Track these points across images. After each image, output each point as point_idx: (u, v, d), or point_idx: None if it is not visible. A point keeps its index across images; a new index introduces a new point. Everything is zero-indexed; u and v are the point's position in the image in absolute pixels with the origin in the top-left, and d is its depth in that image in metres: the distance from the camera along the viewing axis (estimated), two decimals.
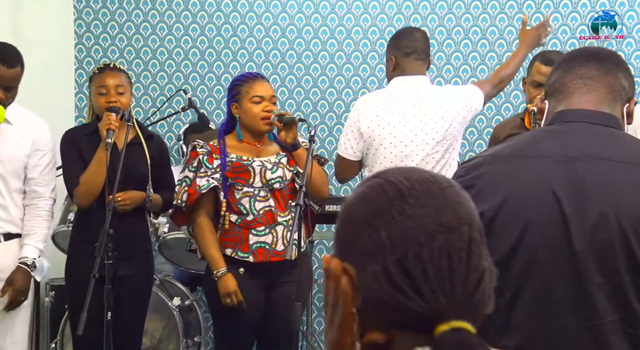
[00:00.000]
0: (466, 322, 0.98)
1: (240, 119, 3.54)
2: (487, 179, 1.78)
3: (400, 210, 1.02)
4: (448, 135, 3.54)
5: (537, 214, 1.72)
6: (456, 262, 1.00)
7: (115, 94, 3.58)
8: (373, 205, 1.05)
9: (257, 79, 3.56)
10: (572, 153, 1.75)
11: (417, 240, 1.01)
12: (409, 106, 3.56)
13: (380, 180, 1.07)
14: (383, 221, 1.03)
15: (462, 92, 3.74)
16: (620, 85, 1.85)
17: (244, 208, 3.45)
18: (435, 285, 0.99)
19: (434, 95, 3.62)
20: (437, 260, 1.00)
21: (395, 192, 1.04)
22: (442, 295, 0.99)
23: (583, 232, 1.68)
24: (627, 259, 1.67)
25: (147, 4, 5.45)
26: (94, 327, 3.31)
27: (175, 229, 4.43)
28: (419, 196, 1.03)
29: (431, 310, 0.98)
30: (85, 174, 3.55)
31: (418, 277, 0.99)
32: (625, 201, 1.69)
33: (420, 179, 1.05)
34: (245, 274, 3.45)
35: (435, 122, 3.53)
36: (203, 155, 3.48)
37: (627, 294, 1.67)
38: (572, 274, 1.69)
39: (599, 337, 1.69)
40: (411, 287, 0.99)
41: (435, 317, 0.98)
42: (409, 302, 0.99)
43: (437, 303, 0.99)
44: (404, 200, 1.03)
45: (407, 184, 1.04)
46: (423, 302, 0.99)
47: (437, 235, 1.01)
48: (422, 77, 3.65)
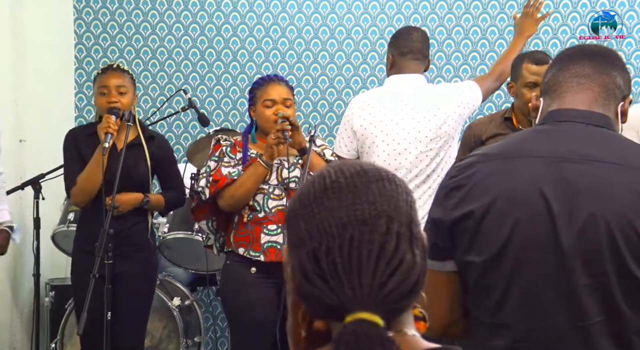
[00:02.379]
0: (374, 314, 0.98)
1: (257, 122, 3.56)
2: (477, 178, 1.78)
3: (319, 203, 1.05)
4: (442, 133, 3.53)
5: (526, 213, 1.71)
6: (366, 254, 1.01)
7: (116, 94, 3.60)
8: (300, 198, 1.08)
9: (272, 81, 3.55)
10: (562, 153, 1.75)
11: (330, 232, 1.03)
12: (402, 104, 3.56)
13: (317, 174, 1.10)
14: (304, 214, 1.06)
15: (457, 89, 3.72)
16: (614, 84, 1.84)
17: (257, 204, 3.46)
18: (343, 277, 1.00)
19: (427, 94, 3.62)
20: (347, 252, 1.01)
21: (321, 186, 1.07)
22: (349, 287, 1.00)
23: (571, 233, 1.67)
24: (614, 261, 1.66)
25: (147, 4, 5.45)
26: (97, 326, 3.33)
27: (175, 229, 4.43)
28: (339, 189, 1.06)
29: (338, 302, 1.00)
30: (82, 174, 3.59)
31: (327, 269, 1.01)
32: (614, 203, 1.67)
33: (349, 172, 1.07)
34: (257, 272, 3.46)
35: (428, 120, 3.52)
36: (226, 146, 3.51)
37: (614, 295, 1.66)
38: (559, 274, 1.68)
39: (588, 338, 1.69)
40: (321, 278, 1.01)
41: (343, 309, 0.99)
42: (319, 293, 1.01)
43: (343, 294, 1.00)
44: (325, 193, 1.06)
45: (334, 177, 1.07)
46: (331, 293, 1.00)
47: (349, 227, 1.03)
48: (417, 76, 3.64)
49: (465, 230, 1.75)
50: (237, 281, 3.48)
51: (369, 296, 0.99)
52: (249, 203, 3.46)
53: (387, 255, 1.02)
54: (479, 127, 3.81)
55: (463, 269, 1.78)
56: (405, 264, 1.03)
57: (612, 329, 1.68)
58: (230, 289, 3.52)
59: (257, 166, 3.42)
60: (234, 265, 3.51)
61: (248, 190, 3.42)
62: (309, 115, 5.26)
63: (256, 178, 3.42)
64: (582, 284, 1.67)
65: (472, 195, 1.76)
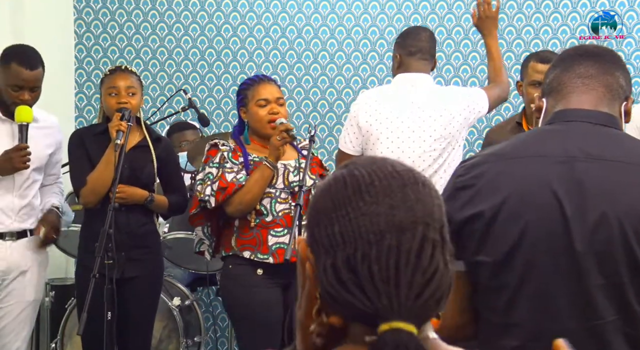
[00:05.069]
0: (409, 323, 0.98)
1: (249, 123, 3.53)
2: (487, 178, 1.78)
3: (355, 207, 1.03)
4: (447, 134, 3.53)
5: (537, 213, 1.71)
6: (403, 263, 1.00)
7: (126, 95, 3.61)
8: (332, 198, 1.05)
9: (263, 81, 3.54)
10: (572, 153, 1.75)
11: (367, 238, 1.01)
12: (408, 103, 3.57)
13: (345, 172, 1.07)
14: (338, 216, 1.03)
15: (465, 93, 3.75)
16: (618, 84, 1.85)
17: (264, 208, 3.44)
18: (380, 285, 0.99)
19: (434, 94, 3.62)
20: (384, 260, 1.00)
21: (355, 187, 1.04)
22: (386, 295, 0.99)
23: (584, 233, 1.68)
24: (627, 260, 1.66)
25: (147, 4, 5.45)
26: (100, 326, 3.34)
27: (175, 229, 4.43)
28: (376, 193, 1.03)
29: (374, 310, 0.99)
30: (94, 173, 3.59)
31: (363, 276, 1.00)
32: (626, 201, 1.68)
33: (383, 174, 1.05)
34: (264, 274, 3.44)
35: (433, 120, 3.53)
36: (227, 151, 3.46)
37: (627, 294, 1.67)
38: (572, 274, 1.68)
39: (600, 338, 1.69)
40: (356, 285, 1.00)
41: (378, 317, 0.99)
42: (353, 299, 1.00)
43: (379, 303, 0.99)
44: (361, 196, 1.03)
45: (368, 179, 1.04)
46: (366, 300, 0.99)
47: (387, 234, 1.01)
48: (424, 75, 3.65)
49: (475, 230, 1.75)
50: (243, 285, 3.45)
51: (405, 305, 0.99)
52: (255, 207, 3.43)
53: (424, 265, 1.01)
54: (495, 133, 3.83)
55: (473, 269, 1.78)
56: (439, 272, 1.02)
57: (625, 328, 1.68)
58: (237, 293, 3.47)
59: (264, 169, 3.39)
60: (238, 269, 3.47)
61: (256, 194, 3.39)
62: (309, 115, 5.26)
63: (264, 181, 3.39)
64: (595, 284, 1.67)
65: (481, 195, 1.76)
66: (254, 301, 3.44)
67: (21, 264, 3.72)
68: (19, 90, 3.59)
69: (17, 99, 3.60)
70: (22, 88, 3.59)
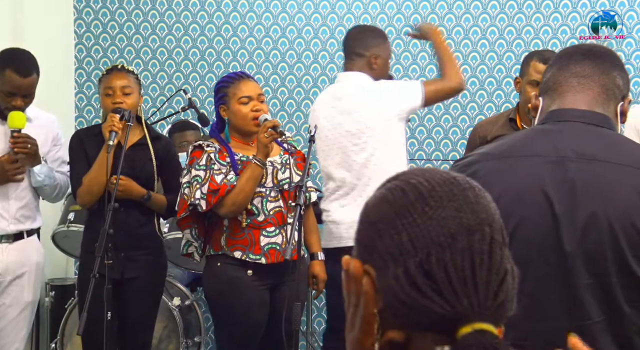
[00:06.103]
0: (489, 324, 0.97)
1: (230, 121, 3.49)
2: (480, 177, 1.77)
3: (421, 212, 1.02)
4: (365, 128, 3.66)
5: (528, 212, 1.71)
6: (478, 263, 1.00)
7: (121, 94, 3.62)
8: (394, 207, 1.04)
9: (243, 78, 3.52)
10: (564, 153, 1.75)
11: (439, 242, 1.00)
12: (332, 100, 3.78)
13: (399, 183, 1.06)
14: (404, 223, 1.02)
15: (388, 87, 3.76)
16: (614, 84, 1.84)
17: (255, 208, 3.42)
18: (458, 287, 0.98)
19: (351, 90, 3.76)
20: (459, 261, 0.99)
21: (416, 194, 1.03)
22: (465, 296, 0.98)
23: (573, 232, 1.68)
24: (616, 260, 1.66)
25: (147, 4, 5.45)
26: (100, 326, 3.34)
27: (175, 229, 4.43)
28: (440, 198, 1.03)
29: (454, 312, 0.98)
30: (89, 174, 3.60)
31: (440, 279, 0.99)
32: (617, 202, 1.68)
33: (441, 180, 1.05)
34: (254, 275, 3.43)
35: (348, 114, 3.69)
36: (214, 153, 3.42)
37: (615, 295, 1.67)
38: (562, 273, 1.69)
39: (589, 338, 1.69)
40: (433, 289, 0.98)
41: (458, 319, 0.97)
42: (431, 304, 0.98)
43: (459, 305, 0.98)
44: (425, 202, 1.02)
45: (428, 185, 1.04)
46: (445, 304, 0.98)
47: (459, 236, 1.00)
48: (345, 73, 3.87)
49: None
50: (232, 284, 3.43)
51: (484, 306, 0.98)
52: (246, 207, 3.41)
53: (496, 264, 1.01)
54: (484, 128, 3.81)
55: None
56: (509, 272, 1.02)
57: (613, 329, 1.68)
58: (224, 292, 3.44)
59: (253, 168, 3.35)
60: (227, 268, 3.44)
61: (248, 194, 3.37)
62: (308, 115, 5.25)
63: (255, 180, 3.37)
64: (584, 284, 1.67)
65: None
66: (239, 301, 3.42)
67: (18, 266, 3.73)
68: (12, 96, 3.60)
69: (10, 104, 3.61)
70: (15, 94, 3.60)
